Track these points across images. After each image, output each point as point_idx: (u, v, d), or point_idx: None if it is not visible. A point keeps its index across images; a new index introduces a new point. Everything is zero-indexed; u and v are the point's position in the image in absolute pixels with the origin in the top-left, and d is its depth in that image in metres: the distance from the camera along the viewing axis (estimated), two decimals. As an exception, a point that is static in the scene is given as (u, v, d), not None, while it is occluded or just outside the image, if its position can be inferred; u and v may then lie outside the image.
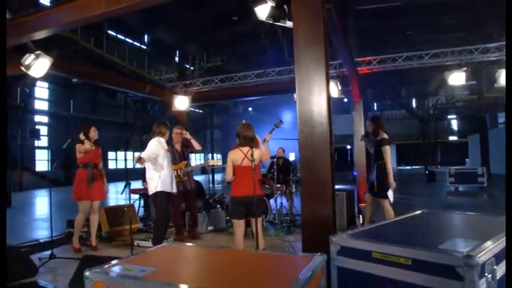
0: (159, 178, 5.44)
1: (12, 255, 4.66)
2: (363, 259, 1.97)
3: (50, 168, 26.02)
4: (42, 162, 25.67)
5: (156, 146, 5.41)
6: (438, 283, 1.70)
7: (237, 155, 4.42)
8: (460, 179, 13.62)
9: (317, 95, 2.91)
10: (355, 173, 21.88)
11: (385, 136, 5.74)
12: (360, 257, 1.98)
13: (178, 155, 6.42)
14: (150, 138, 5.56)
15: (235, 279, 1.70)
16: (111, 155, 30.52)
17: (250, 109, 22.54)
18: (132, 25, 25.53)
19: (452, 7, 17.10)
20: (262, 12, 3.58)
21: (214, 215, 7.24)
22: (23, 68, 5.01)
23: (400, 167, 39.14)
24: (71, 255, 5.58)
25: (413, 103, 36.35)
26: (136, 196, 8.55)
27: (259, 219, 4.47)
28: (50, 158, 26.31)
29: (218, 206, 7.41)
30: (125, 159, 28.26)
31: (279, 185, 7.88)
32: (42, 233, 8.21)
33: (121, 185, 23.60)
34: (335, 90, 7.59)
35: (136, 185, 23.43)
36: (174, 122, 22.11)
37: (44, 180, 23.15)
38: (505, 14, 2.11)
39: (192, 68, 25.36)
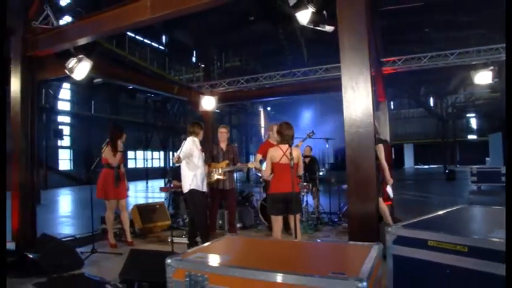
0: (194, 177, 5.63)
1: (60, 248, 4.93)
2: (419, 247, 2.14)
3: (72, 167, 26.60)
4: (64, 161, 26.26)
5: (191, 145, 5.60)
6: (494, 268, 1.85)
7: (277, 153, 4.58)
8: (482, 178, 13.55)
9: (362, 97, 3.07)
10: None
11: (378, 136, 5.85)
12: (416, 245, 2.15)
13: (223, 154, 6.45)
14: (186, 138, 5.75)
15: (309, 265, 1.87)
16: (130, 154, 30.99)
17: (268, 108, 22.72)
18: (151, 26, 25.89)
19: (471, 4, 16.94)
20: (303, 17, 3.73)
21: (243, 212, 7.42)
22: (66, 71, 5.24)
23: (418, 166, 38.88)
24: (109, 250, 5.85)
25: (431, 102, 36.02)
26: (159, 194, 8.77)
27: (298, 216, 4.64)
28: (72, 158, 26.89)
29: (246, 203, 7.59)
30: (145, 159, 28.71)
31: (305, 184, 8.00)
32: (72, 229, 8.53)
33: (140, 184, 23.99)
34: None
35: (156, 183, 23.83)
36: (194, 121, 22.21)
37: (67, 179, 23.71)
38: (505, 14, 2.15)
39: (210, 68, 25.61)
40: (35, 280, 4.48)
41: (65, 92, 25.47)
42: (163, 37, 29.34)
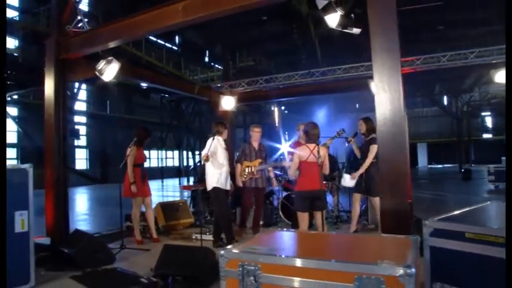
0: (220, 175, 5.78)
1: (93, 244, 5.11)
2: (456, 239, 2.27)
3: (88, 167, 27.00)
4: (81, 161, 26.70)
5: (215, 144, 5.73)
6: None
7: (304, 151, 4.73)
8: (500, 177, 13.48)
9: (393, 98, 3.18)
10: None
11: (374, 136, 5.92)
12: (453, 237, 2.29)
13: (255, 153, 6.57)
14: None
15: (354, 254, 1.99)
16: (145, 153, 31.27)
17: (283, 108, 22.85)
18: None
19: (486, 1, 16.81)
20: (332, 20, 3.85)
21: (265, 210, 7.54)
22: (97, 73, 5.42)
23: (431, 166, 38.64)
24: (135, 247, 6.02)
25: (446, 100, 35.75)
26: (174, 193, 8.93)
27: (323, 212, 4.79)
28: (88, 157, 27.32)
29: (267, 201, 7.72)
30: (161, 158, 29.00)
31: (324, 182, 8.09)
32: (94, 226, 8.74)
33: (156, 183, 24.16)
34: (380, 89, 7.79)
35: (170, 182, 24.01)
36: (210, 121, 22.39)
37: (83, 178, 24.08)
38: (505, 14, 2.22)
39: (227, 68, 25.81)
40: (70, 273, 4.68)
41: (81, 92, 25.83)
42: (176, 37, 29.62)
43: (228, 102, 8.95)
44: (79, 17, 5.29)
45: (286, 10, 18.78)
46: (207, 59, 30.03)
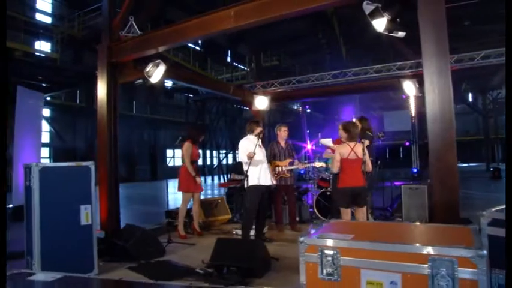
0: (258, 172, 5.94)
1: (146, 237, 5.41)
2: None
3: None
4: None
5: (247, 143, 5.85)
6: None
7: (345, 149, 4.93)
8: (531, 176, 13.29)
9: (443, 98, 3.36)
10: (414, 170, 21.61)
11: (370, 134, 6.05)
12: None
13: (283, 152, 6.80)
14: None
15: (422, 240, 2.19)
16: (169, 152, 31.89)
17: (307, 107, 22.97)
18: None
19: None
20: (379, 25, 4.03)
21: (300, 207, 7.75)
22: (146, 76, 5.73)
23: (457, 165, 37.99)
24: (181, 241, 6.30)
25: (472, 97, 35.20)
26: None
27: (364, 208, 4.97)
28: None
29: (303, 199, 7.94)
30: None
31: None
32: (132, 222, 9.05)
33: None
34: (413, 89, 7.92)
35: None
36: (232, 121, 22.57)
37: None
38: (505, 14, 2.32)
39: (246, 68, 26.07)
40: (126, 265, 4.97)
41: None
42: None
43: (261, 102, 9.18)
44: (130, 23, 5.58)
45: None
46: (229, 59, 30.35)
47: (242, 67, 26.81)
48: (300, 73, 24.01)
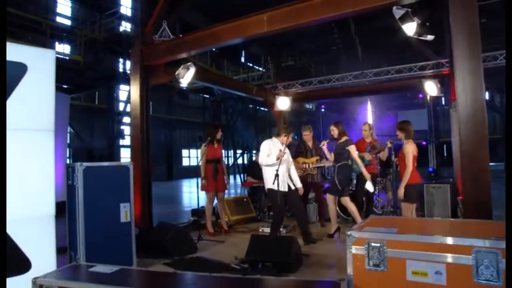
0: (274, 175, 5.98)
1: (180, 234, 5.61)
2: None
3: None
4: (125, 159, 27.69)
5: (268, 145, 5.94)
6: None
7: (414, 147, 5.27)
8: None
9: (475, 100, 3.49)
10: (431, 169, 21.57)
11: (347, 138, 6.16)
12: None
13: (310, 150, 7.10)
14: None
15: (462, 233, 2.34)
16: (184, 152, 32.21)
17: (322, 107, 23.11)
18: (195, 24, 26.80)
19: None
20: (410, 29, 4.17)
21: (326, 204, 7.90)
22: (178, 77, 5.94)
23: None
24: (211, 238, 6.50)
25: (487, 96, 34.83)
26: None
27: None
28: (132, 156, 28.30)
29: (325, 196, 8.07)
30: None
31: (379, 179, 8.36)
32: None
33: (194, 181, 24.84)
34: (434, 89, 8.01)
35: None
36: (249, 121, 22.66)
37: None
38: (505, 14, 2.37)
39: (261, 68, 26.23)
40: (161, 261, 5.18)
41: (124, 93, 26.81)
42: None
43: (283, 103, 9.35)
44: (163, 27, 5.80)
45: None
46: (243, 59, 30.53)
47: (257, 67, 26.98)
48: (316, 73, 24.21)
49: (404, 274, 2.32)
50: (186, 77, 6.10)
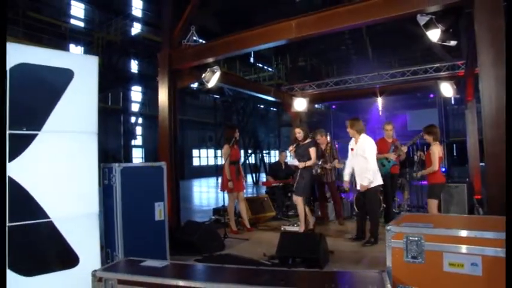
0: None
1: (209, 232, 5.84)
2: None
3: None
4: (137, 159, 28.07)
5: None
6: None
7: (440, 148, 5.63)
8: None
9: (499, 105, 3.67)
10: (443, 169, 21.77)
11: (310, 140, 6.46)
12: None
13: (322, 152, 7.42)
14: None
15: (498, 228, 2.53)
16: (195, 152, 32.51)
17: (333, 107, 23.21)
18: (211, 29, 27.11)
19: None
20: (434, 35, 4.35)
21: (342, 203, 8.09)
22: (204, 81, 6.18)
23: (483, 164, 37.55)
24: (236, 236, 6.70)
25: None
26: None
27: None
28: (143, 156, 28.71)
29: (344, 196, 8.30)
30: (216, 156, 30.04)
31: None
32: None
33: (205, 181, 25.03)
34: (450, 90, 8.17)
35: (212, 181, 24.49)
36: (261, 120, 22.77)
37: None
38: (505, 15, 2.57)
39: (270, 69, 26.44)
40: (191, 258, 5.40)
41: (137, 94, 27.16)
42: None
43: (300, 104, 9.56)
44: (191, 32, 6.03)
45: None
46: (252, 60, 30.72)
47: (266, 68, 27.20)
48: (326, 73, 24.35)
49: (441, 265, 2.52)
50: (212, 80, 6.34)
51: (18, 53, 3.56)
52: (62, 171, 3.77)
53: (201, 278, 2.77)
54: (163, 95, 6.23)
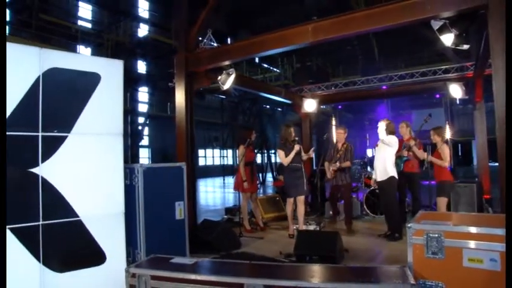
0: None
1: (225, 231, 6.00)
2: None
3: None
4: (144, 159, 28.25)
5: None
6: None
7: (448, 148, 5.86)
8: None
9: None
10: (449, 168, 21.85)
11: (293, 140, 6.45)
12: None
13: (337, 152, 7.11)
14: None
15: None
16: (201, 152, 32.67)
17: (339, 107, 23.33)
18: (217, 29, 27.12)
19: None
20: (447, 40, 4.48)
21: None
22: (220, 83, 6.35)
23: (490, 164, 37.47)
24: (250, 235, 6.87)
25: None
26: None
27: None
28: (150, 156, 28.91)
29: (354, 195, 8.42)
30: (222, 156, 30.21)
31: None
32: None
33: (211, 180, 25.16)
34: (459, 92, 8.27)
35: (229, 180, 24.81)
36: (268, 121, 22.91)
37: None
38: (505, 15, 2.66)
39: (275, 69, 26.55)
40: (209, 256, 5.52)
41: (144, 95, 27.32)
42: (229, 39, 30.65)
43: (310, 105, 9.69)
44: (208, 35, 6.20)
45: (339, 8, 19.15)
46: (257, 60, 30.80)
47: (272, 68, 27.31)
48: (333, 73, 24.45)
49: (461, 261, 2.67)
50: (228, 82, 6.50)
51: (50, 58, 3.72)
52: (90, 171, 3.93)
53: (232, 273, 2.92)
54: (180, 97, 6.38)
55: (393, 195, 6.28)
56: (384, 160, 6.07)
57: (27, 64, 3.53)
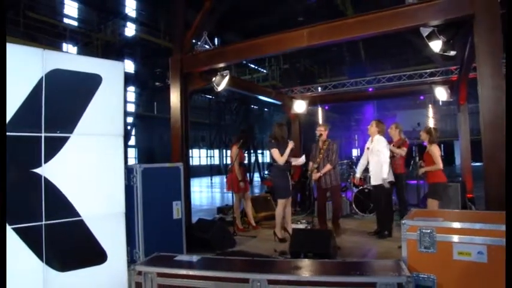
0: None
1: (221, 230, 6.11)
2: None
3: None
4: (130, 159, 28.10)
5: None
6: None
7: (438, 149, 5.98)
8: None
9: (495, 111, 4.01)
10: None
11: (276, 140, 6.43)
12: None
13: (319, 152, 6.73)
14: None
15: (498, 220, 2.86)
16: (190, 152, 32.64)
17: (326, 107, 23.64)
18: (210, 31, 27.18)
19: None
20: (435, 46, 4.70)
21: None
22: (214, 85, 6.48)
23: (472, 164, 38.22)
24: (244, 234, 7.02)
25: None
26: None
27: None
28: (137, 156, 28.79)
29: (343, 195, 8.63)
30: (210, 156, 30.27)
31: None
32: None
33: (198, 180, 25.16)
34: (444, 95, 8.55)
35: (217, 179, 24.74)
36: (254, 121, 22.97)
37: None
38: (506, 15, 2.87)
39: (262, 70, 26.73)
40: (205, 255, 5.60)
41: (130, 94, 27.19)
42: (216, 39, 30.74)
43: (299, 106, 9.88)
44: (203, 38, 6.32)
45: (327, 11, 19.33)
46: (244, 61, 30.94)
47: (259, 69, 27.49)
48: (319, 74, 24.73)
49: (451, 254, 2.86)
50: (222, 83, 6.63)
51: (53, 59, 3.77)
52: (91, 172, 4.00)
53: (237, 269, 3.06)
54: (175, 98, 6.49)
55: (387, 198, 6.49)
56: (379, 165, 6.18)
57: (31, 65, 3.56)
